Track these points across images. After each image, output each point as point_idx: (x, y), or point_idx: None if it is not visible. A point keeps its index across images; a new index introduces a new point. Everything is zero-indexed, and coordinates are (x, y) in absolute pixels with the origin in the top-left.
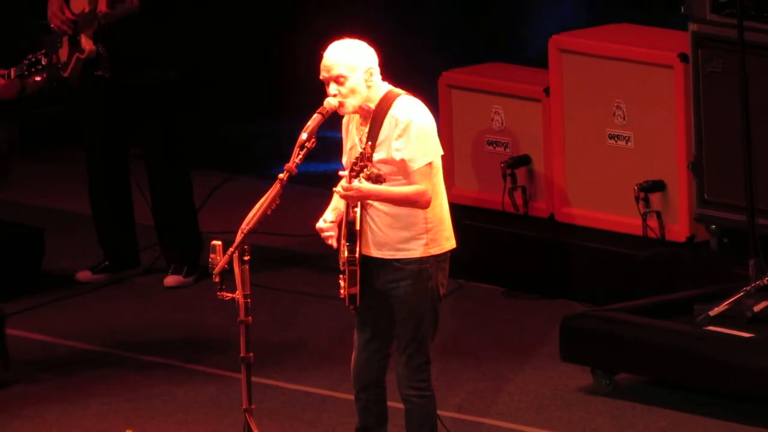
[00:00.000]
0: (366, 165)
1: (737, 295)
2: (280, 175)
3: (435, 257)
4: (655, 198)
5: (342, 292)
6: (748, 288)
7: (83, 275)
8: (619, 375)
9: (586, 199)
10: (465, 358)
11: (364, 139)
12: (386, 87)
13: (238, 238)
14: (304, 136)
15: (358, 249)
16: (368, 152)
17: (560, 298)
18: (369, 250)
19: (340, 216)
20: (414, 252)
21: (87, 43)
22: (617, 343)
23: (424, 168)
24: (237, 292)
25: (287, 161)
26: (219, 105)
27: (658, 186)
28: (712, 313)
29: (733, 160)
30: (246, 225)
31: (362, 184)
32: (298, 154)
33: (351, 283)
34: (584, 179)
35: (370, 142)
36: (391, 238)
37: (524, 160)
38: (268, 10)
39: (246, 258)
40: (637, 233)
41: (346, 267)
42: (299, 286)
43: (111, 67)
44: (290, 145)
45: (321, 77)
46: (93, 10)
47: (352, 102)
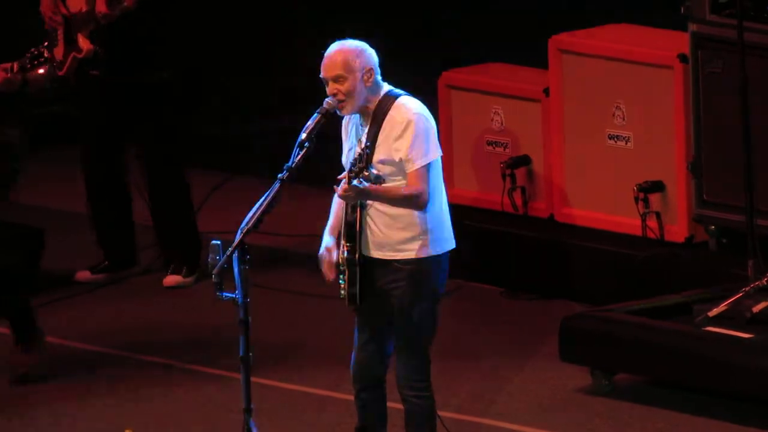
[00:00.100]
0: (365, 165)
1: (736, 296)
2: (280, 175)
3: (434, 258)
4: (655, 198)
5: (342, 292)
6: (747, 288)
7: (82, 275)
8: (618, 375)
9: (586, 199)
10: (464, 359)
11: (364, 139)
12: (386, 87)
13: (238, 238)
14: (303, 135)
15: (357, 249)
16: (367, 153)
17: (559, 299)
18: (369, 250)
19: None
20: (413, 252)
21: (84, 42)
22: (616, 344)
23: (422, 169)
24: (236, 291)
25: (287, 161)
26: (219, 105)
27: (657, 186)
28: (711, 313)
29: (733, 161)
30: (246, 225)
31: (361, 184)
32: (298, 154)
33: (351, 283)
34: (584, 179)
35: (370, 143)
36: (391, 239)
37: (524, 161)
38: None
39: (246, 258)
40: (637, 233)
41: (346, 267)
42: (299, 286)
43: (108, 66)
44: (290, 145)
45: (321, 76)
46: (91, 10)
47: (351, 102)
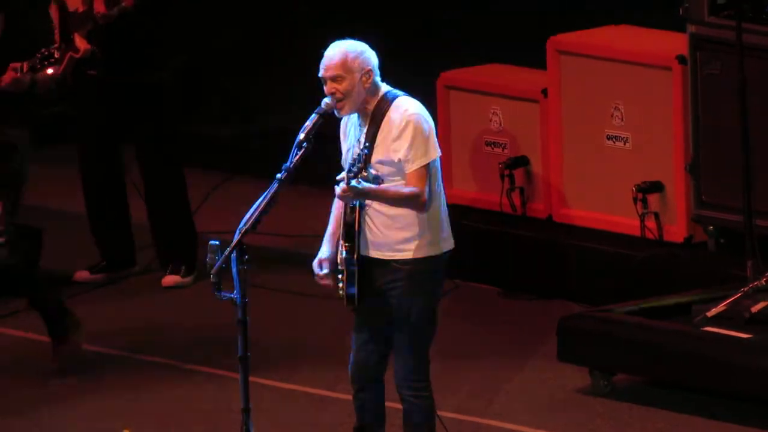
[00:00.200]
0: (364, 166)
1: (735, 296)
2: (279, 176)
3: (433, 258)
4: (653, 199)
5: (341, 292)
6: (745, 289)
7: (81, 275)
8: (616, 375)
9: (584, 199)
10: (463, 359)
11: (362, 140)
12: (385, 87)
13: (236, 238)
14: (301, 136)
15: (356, 249)
16: (366, 153)
17: (558, 299)
18: (367, 250)
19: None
20: (412, 253)
21: (81, 42)
22: (615, 344)
23: (421, 169)
24: (235, 291)
25: (286, 161)
26: (218, 105)
27: (656, 187)
28: (709, 313)
29: (731, 162)
30: (244, 225)
31: (360, 184)
32: (296, 154)
33: (350, 284)
34: (582, 180)
35: (368, 143)
36: (390, 239)
37: (522, 161)
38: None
39: (244, 258)
40: (635, 234)
41: (345, 267)
42: (298, 286)
43: (105, 66)
44: (289, 145)
45: (319, 76)
46: (88, 10)
47: (349, 102)
